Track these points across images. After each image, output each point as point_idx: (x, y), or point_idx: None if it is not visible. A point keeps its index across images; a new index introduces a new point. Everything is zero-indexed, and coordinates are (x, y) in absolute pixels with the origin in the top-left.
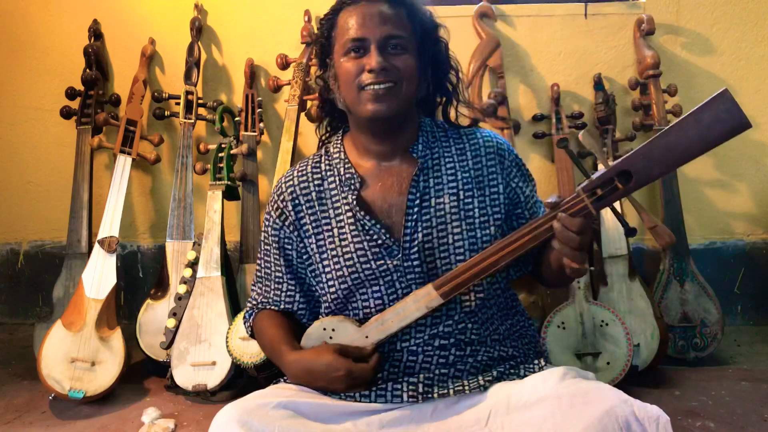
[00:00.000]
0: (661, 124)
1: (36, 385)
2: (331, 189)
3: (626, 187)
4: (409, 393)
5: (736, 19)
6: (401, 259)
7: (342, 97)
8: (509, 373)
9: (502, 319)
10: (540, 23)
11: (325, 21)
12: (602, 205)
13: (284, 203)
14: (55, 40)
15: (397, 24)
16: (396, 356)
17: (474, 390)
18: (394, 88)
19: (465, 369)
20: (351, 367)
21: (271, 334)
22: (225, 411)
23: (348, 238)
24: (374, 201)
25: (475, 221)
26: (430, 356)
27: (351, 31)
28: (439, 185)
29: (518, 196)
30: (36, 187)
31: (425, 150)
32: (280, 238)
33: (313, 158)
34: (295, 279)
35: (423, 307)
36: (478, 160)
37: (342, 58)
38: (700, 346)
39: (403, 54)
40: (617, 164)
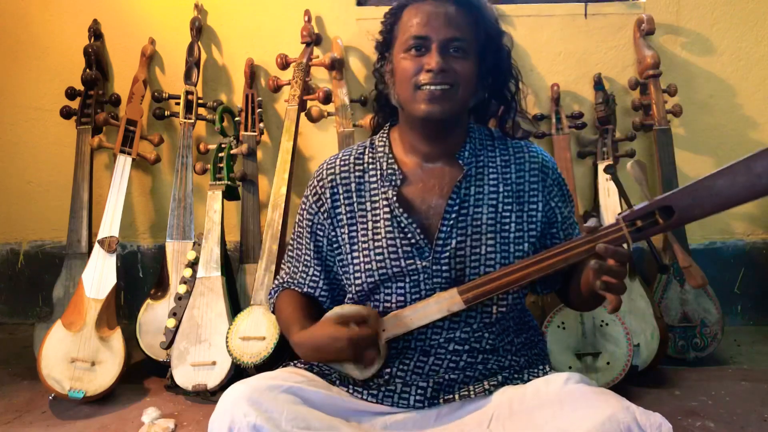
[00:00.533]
0: (661, 124)
1: (36, 385)
2: (372, 182)
3: (667, 223)
4: (416, 397)
5: (736, 19)
6: (431, 261)
7: (396, 93)
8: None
9: (517, 332)
10: (540, 23)
11: (390, 14)
12: (640, 237)
13: (323, 189)
14: (55, 40)
15: (461, 27)
16: (408, 354)
17: (479, 395)
18: (450, 90)
19: (473, 376)
20: (351, 333)
21: (287, 314)
22: (235, 388)
23: (381, 233)
24: (413, 200)
25: (509, 236)
26: (441, 359)
27: (414, 28)
28: (480, 195)
29: (555, 216)
30: (36, 187)
31: (471, 157)
32: (313, 223)
33: (357, 148)
34: (321, 265)
35: (444, 309)
36: (521, 175)
37: (401, 54)
38: (700, 346)
39: (464, 58)
40: (661, 199)
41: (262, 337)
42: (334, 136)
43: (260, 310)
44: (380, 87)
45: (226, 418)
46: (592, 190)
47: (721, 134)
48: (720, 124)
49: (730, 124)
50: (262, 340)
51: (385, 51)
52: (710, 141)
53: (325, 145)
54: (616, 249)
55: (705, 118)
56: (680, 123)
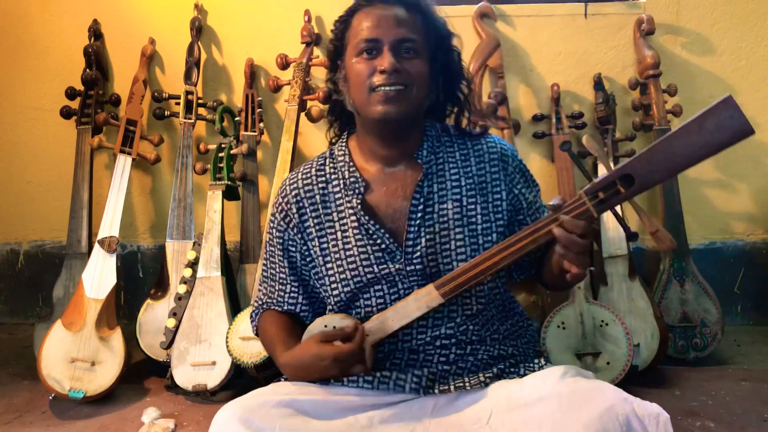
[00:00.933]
0: (661, 124)
1: (36, 385)
2: (336, 192)
3: (628, 190)
4: (412, 384)
5: (736, 19)
6: (404, 263)
7: (351, 99)
8: (509, 372)
9: (501, 320)
10: (540, 23)
11: (340, 22)
12: (604, 208)
13: (288, 205)
14: (55, 40)
15: (411, 28)
16: (398, 355)
17: (474, 386)
18: (404, 91)
19: (466, 367)
20: (335, 351)
21: (270, 335)
22: (226, 408)
23: (351, 242)
24: (378, 205)
25: (477, 228)
26: (431, 355)
27: (365, 31)
28: (443, 191)
29: (521, 203)
30: (36, 187)
31: (430, 155)
32: (284, 240)
33: (318, 160)
34: (298, 281)
35: (424, 306)
36: (482, 167)
37: (354, 59)
38: (700, 346)
39: (416, 58)
40: (619, 168)
41: None
42: None
43: None
44: (334, 96)
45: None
46: None
47: None
48: None
49: None
50: None
51: (337, 59)
52: None
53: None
54: (571, 220)
55: None
56: (680, 123)
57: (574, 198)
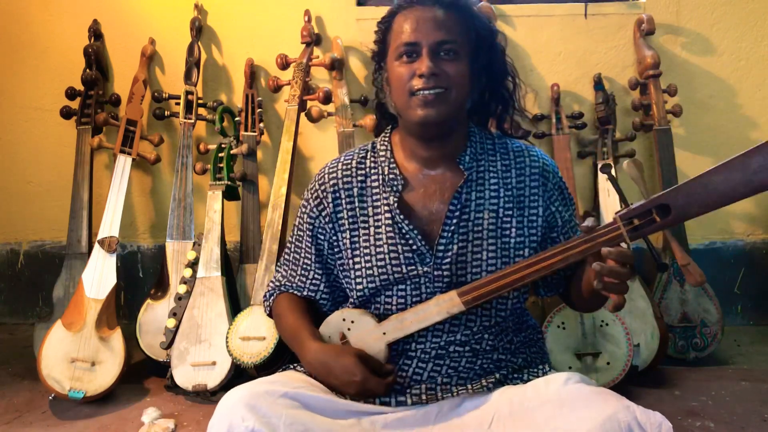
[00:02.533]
0: (661, 124)
1: (36, 385)
2: (374, 187)
3: (664, 221)
4: (413, 399)
5: (736, 19)
6: (432, 267)
7: (393, 101)
8: (513, 377)
9: (516, 331)
10: (540, 23)
11: (382, 24)
12: (638, 235)
13: (325, 194)
14: (55, 40)
15: (450, 29)
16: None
17: (477, 391)
18: (443, 94)
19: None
20: (367, 378)
21: (293, 320)
22: (234, 392)
23: (383, 239)
24: (414, 205)
25: (510, 241)
26: (440, 365)
27: (404, 35)
28: (481, 200)
29: (556, 220)
30: (36, 187)
31: (472, 162)
32: (314, 227)
33: (360, 152)
34: (323, 269)
35: (444, 312)
36: (522, 180)
37: (395, 62)
38: (700, 346)
39: (455, 60)
40: (658, 197)
41: (262, 337)
42: (334, 136)
43: (260, 310)
44: (380, 96)
45: (223, 423)
46: (592, 190)
47: (721, 134)
48: (720, 124)
49: (730, 124)
50: (262, 340)
51: (381, 61)
52: (710, 141)
53: (325, 145)
54: (619, 251)
55: (705, 118)
56: (680, 123)
57: (609, 222)
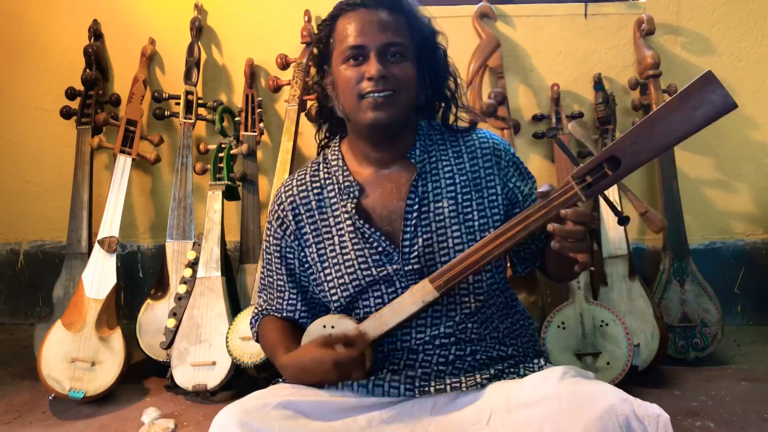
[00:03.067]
0: None
1: (36, 385)
2: (331, 197)
3: (615, 173)
4: (406, 386)
5: (736, 19)
6: (401, 264)
7: (341, 105)
8: (509, 372)
9: (501, 318)
10: (540, 23)
11: (323, 27)
12: (592, 192)
13: (284, 212)
14: (55, 40)
15: (396, 31)
16: (396, 355)
17: (471, 387)
18: (393, 96)
19: (463, 367)
20: (336, 356)
21: (271, 340)
22: (224, 412)
23: (348, 246)
24: (374, 208)
25: (474, 224)
26: (430, 355)
27: (350, 38)
28: (438, 189)
29: (516, 196)
30: (36, 187)
31: (423, 155)
32: (281, 248)
33: (312, 166)
34: (297, 287)
35: (419, 300)
36: (475, 162)
37: (341, 66)
38: (700, 346)
39: (402, 62)
40: (605, 150)
41: None
42: None
43: None
44: (323, 102)
45: None
46: None
47: (721, 134)
48: (720, 124)
49: (730, 124)
50: None
51: (324, 64)
52: (710, 141)
53: None
54: (574, 210)
55: None
56: None
57: (562, 183)
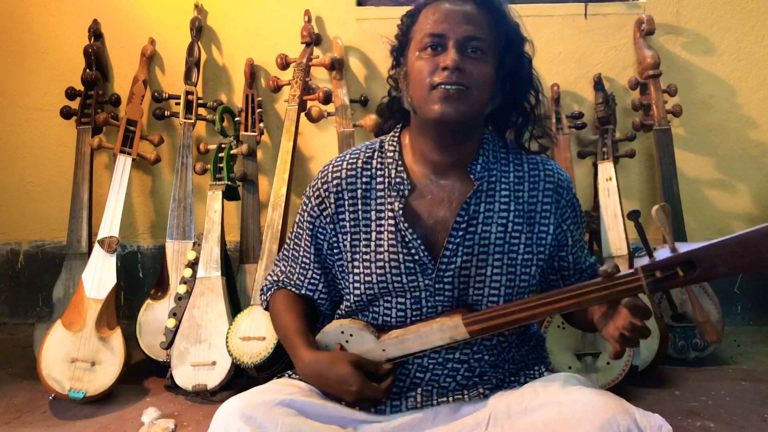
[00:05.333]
0: (661, 124)
1: (36, 385)
2: (378, 189)
3: (687, 277)
4: (408, 404)
5: (736, 19)
6: (434, 279)
7: (410, 96)
8: (509, 381)
9: (519, 346)
10: (540, 23)
11: (407, 17)
12: (657, 289)
13: (327, 193)
14: (55, 40)
15: (480, 26)
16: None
17: (474, 398)
18: (465, 92)
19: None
20: (363, 386)
21: (288, 321)
22: (228, 404)
23: (384, 246)
24: (420, 213)
25: (518, 257)
26: (438, 375)
27: (430, 26)
28: (490, 212)
29: (566, 239)
30: (36, 187)
31: (483, 171)
32: (314, 226)
33: (366, 151)
34: (321, 268)
35: (447, 338)
36: (534, 194)
37: (416, 54)
38: (700, 346)
39: (481, 59)
40: (685, 253)
41: (262, 337)
42: (334, 136)
43: (260, 310)
44: (393, 93)
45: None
46: (592, 190)
47: (721, 134)
48: (720, 124)
49: (730, 124)
50: (262, 340)
51: (400, 56)
52: (710, 141)
53: (325, 145)
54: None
55: (705, 118)
56: (680, 123)
57: (630, 272)
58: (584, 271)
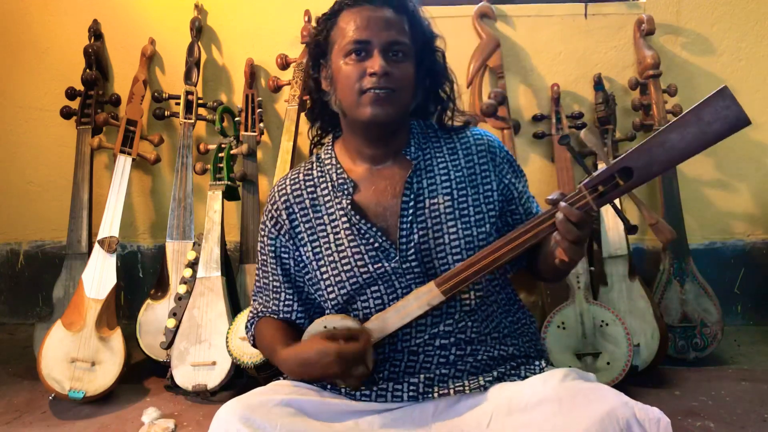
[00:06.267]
0: (662, 124)
1: (36, 385)
2: (325, 195)
3: (627, 183)
4: (409, 393)
5: (736, 19)
6: (399, 261)
7: (338, 100)
8: (510, 374)
9: (502, 316)
10: (540, 23)
11: (324, 21)
12: (603, 201)
13: (278, 212)
14: (55, 40)
15: (400, 31)
16: (397, 356)
17: (474, 390)
18: (393, 94)
19: (465, 369)
20: (340, 348)
21: (269, 338)
22: (227, 406)
23: (344, 243)
24: (369, 205)
25: (470, 219)
26: (431, 356)
27: (355, 32)
28: (433, 186)
29: (511, 192)
30: (36, 187)
31: (417, 151)
32: (276, 248)
33: (305, 165)
34: (293, 288)
35: (425, 304)
36: (470, 159)
37: (342, 60)
38: (700, 346)
39: (404, 61)
40: (618, 161)
41: None
42: None
43: None
44: (316, 95)
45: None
46: None
47: None
48: None
49: None
50: None
51: (321, 57)
52: None
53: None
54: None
55: None
56: None
57: (574, 191)
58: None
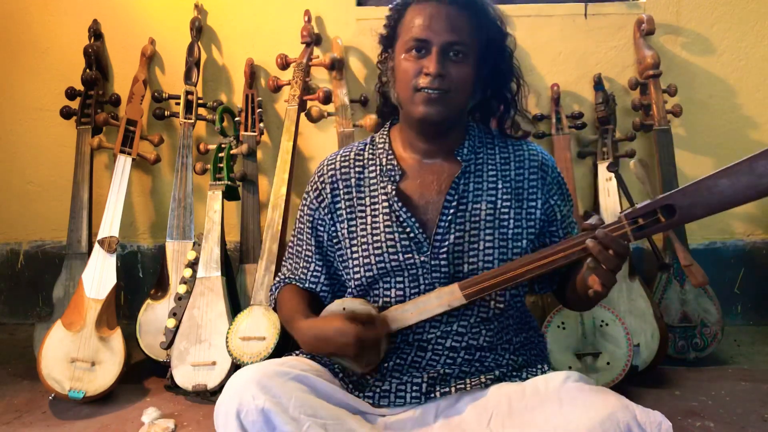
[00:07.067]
0: (661, 125)
1: (36, 385)
2: (371, 177)
3: (668, 221)
4: (412, 395)
5: (736, 19)
6: (429, 256)
7: (396, 93)
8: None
9: (516, 331)
10: (540, 23)
11: (393, 12)
12: (642, 234)
13: (323, 185)
14: (55, 40)
15: (462, 30)
16: (405, 349)
17: (475, 387)
18: (446, 95)
19: (470, 371)
20: (360, 331)
21: (290, 306)
22: (245, 371)
23: (380, 228)
24: (412, 195)
25: (508, 232)
26: (439, 355)
27: (416, 29)
28: (479, 191)
29: (555, 214)
30: (36, 187)
31: (470, 154)
32: (314, 219)
33: (358, 145)
34: (323, 260)
35: (445, 304)
36: (521, 172)
37: (402, 55)
38: (700, 346)
39: (462, 62)
40: (663, 197)
41: (262, 337)
42: (334, 137)
43: (260, 310)
44: (383, 80)
45: (234, 401)
46: (592, 190)
47: (721, 134)
48: (720, 124)
49: (730, 124)
50: (262, 341)
51: (388, 47)
52: (710, 141)
53: (325, 145)
54: (612, 238)
55: (705, 118)
56: (680, 123)
57: (614, 220)
58: None
